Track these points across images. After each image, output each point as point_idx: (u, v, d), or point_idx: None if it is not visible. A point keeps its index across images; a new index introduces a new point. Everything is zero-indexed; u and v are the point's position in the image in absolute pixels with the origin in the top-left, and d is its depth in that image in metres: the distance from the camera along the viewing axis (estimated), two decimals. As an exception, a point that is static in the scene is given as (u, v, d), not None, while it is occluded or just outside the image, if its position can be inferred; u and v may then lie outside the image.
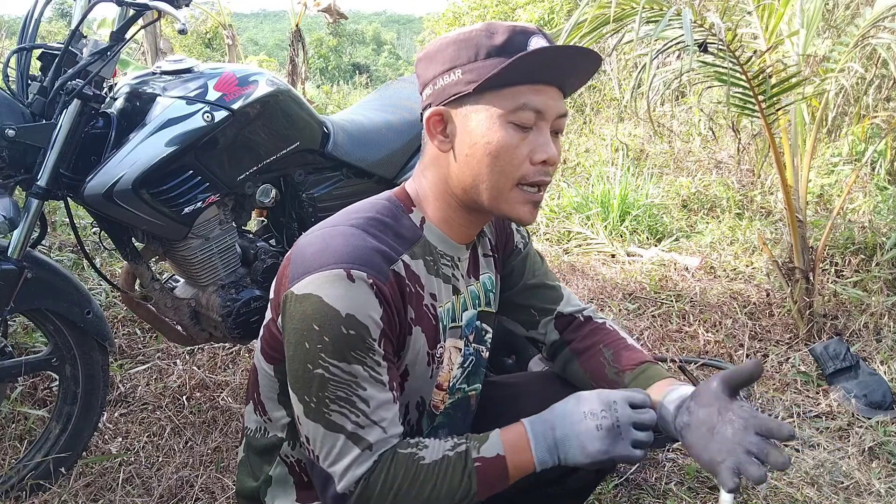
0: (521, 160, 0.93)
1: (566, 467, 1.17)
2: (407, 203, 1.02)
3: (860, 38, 2.24)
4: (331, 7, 6.36)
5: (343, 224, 0.94)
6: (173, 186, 1.53)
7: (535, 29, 0.94)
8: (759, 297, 2.74)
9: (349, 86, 12.21)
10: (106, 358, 1.66)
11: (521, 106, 0.91)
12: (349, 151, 1.81)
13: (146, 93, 1.57)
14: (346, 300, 0.86)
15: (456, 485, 0.89)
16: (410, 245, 0.98)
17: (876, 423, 1.94)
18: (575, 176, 4.79)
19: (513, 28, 0.92)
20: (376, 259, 0.90)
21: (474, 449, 0.90)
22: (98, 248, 2.69)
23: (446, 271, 1.04)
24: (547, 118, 0.94)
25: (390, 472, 0.88)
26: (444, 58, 0.94)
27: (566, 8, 6.46)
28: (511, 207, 0.96)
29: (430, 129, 0.97)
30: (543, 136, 0.94)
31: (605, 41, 2.37)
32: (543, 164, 0.94)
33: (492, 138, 0.92)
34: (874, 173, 3.54)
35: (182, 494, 1.63)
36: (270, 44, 46.79)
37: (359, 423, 0.88)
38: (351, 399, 0.88)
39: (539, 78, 0.92)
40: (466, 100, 0.93)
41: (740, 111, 2.25)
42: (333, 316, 0.86)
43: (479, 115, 0.92)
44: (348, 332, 0.86)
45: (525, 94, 0.91)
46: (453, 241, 1.04)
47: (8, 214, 1.38)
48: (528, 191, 0.96)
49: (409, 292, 0.95)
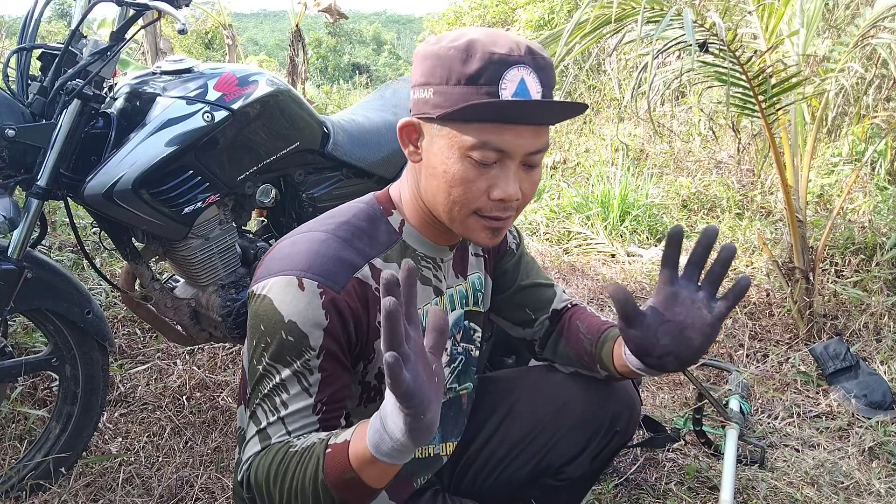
0: (477, 194, 0.90)
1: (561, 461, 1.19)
2: (388, 206, 1.02)
3: (860, 38, 2.24)
4: (331, 7, 6.36)
5: (316, 230, 0.95)
6: (173, 186, 1.53)
7: (519, 56, 0.86)
8: (759, 297, 2.74)
9: (349, 86, 12.20)
10: (106, 358, 1.66)
11: (481, 144, 0.86)
12: (349, 151, 1.81)
13: (146, 93, 1.57)
14: (291, 307, 0.88)
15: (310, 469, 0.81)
16: (385, 249, 0.98)
17: (876, 423, 1.94)
18: (575, 176, 4.79)
19: (490, 56, 0.85)
20: (335, 268, 0.90)
21: (334, 436, 0.82)
22: (98, 248, 2.69)
23: (426, 273, 1.03)
24: (513, 157, 0.89)
25: (264, 458, 0.87)
26: (423, 69, 0.90)
27: (566, 8, 6.46)
28: (467, 232, 0.95)
29: (403, 138, 0.94)
30: (505, 173, 0.89)
31: (606, 41, 2.37)
32: (500, 202, 0.90)
33: (449, 168, 0.89)
34: (874, 173, 3.54)
35: (182, 494, 1.63)
36: (270, 44, 46.78)
37: (270, 422, 0.89)
38: (273, 399, 0.89)
39: (507, 119, 0.86)
40: (433, 122, 0.90)
41: (740, 111, 2.25)
42: (278, 320, 0.88)
43: (442, 141, 0.89)
44: (287, 337, 0.88)
45: (488, 133, 0.86)
46: (434, 242, 1.03)
47: (8, 214, 1.38)
48: (486, 219, 0.92)
49: (375, 296, 0.94)
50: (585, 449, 1.20)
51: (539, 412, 1.21)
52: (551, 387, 1.23)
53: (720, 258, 0.91)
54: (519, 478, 1.22)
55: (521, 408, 1.22)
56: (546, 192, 4.31)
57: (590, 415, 1.19)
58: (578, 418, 1.19)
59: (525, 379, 1.27)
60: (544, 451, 1.20)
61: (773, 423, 1.99)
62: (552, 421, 1.20)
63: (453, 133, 0.88)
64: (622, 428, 1.21)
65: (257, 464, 0.87)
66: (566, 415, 1.19)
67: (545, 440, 1.20)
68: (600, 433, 1.20)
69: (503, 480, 1.22)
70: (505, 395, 1.25)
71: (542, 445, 1.20)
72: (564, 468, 1.21)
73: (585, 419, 1.19)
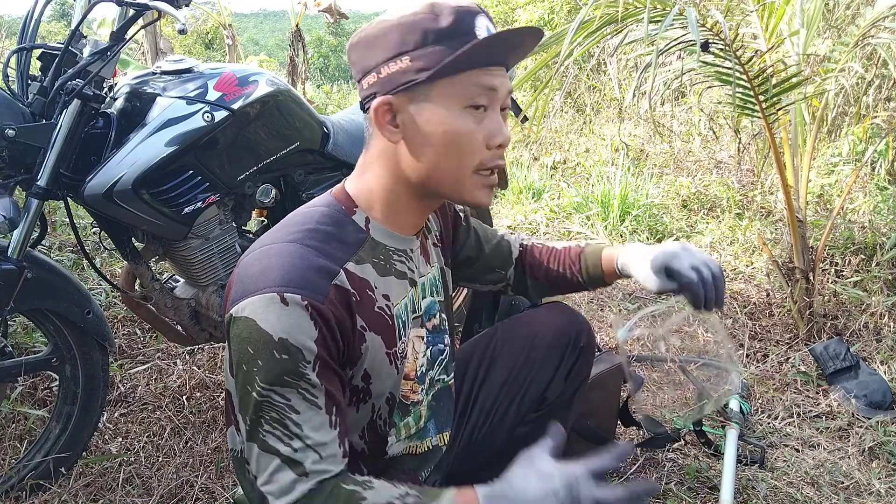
0: (478, 146, 0.93)
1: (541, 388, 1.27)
2: (349, 205, 0.99)
3: (860, 38, 2.24)
4: (331, 7, 6.36)
5: (281, 241, 0.91)
6: (173, 186, 1.53)
7: (476, 8, 0.92)
8: (759, 297, 2.74)
9: (349, 86, 12.20)
10: (106, 358, 1.66)
11: (476, 90, 0.91)
12: (349, 151, 1.81)
13: (146, 93, 1.57)
14: (278, 324, 0.83)
15: None
16: (355, 250, 0.95)
17: (876, 423, 1.94)
18: (575, 176, 4.79)
19: (457, 8, 0.90)
20: (313, 278, 0.87)
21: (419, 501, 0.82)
22: (98, 248, 2.69)
23: (400, 267, 1.02)
24: (499, 97, 0.94)
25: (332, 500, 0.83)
26: (387, 44, 0.90)
27: (566, 8, 6.45)
28: (471, 194, 0.96)
29: (379, 119, 0.93)
30: (496, 119, 0.94)
31: (606, 42, 2.37)
32: (499, 148, 0.95)
33: (450, 126, 0.91)
34: (874, 173, 3.54)
35: (182, 494, 1.63)
36: (270, 44, 46.77)
37: (292, 446, 0.85)
38: (284, 422, 0.85)
39: (490, 61, 0.92)
40: (418, 88, 0.90)
41: (740, 111, 2.25)
42: (267, 340, 0.84)
43: (434, 102, 0.90)
44: (281, 356, 0.84)
45: (479, 77, 0.91)
46: (401, 234, 1.02)
47: (8, 214, 1.38)
48: (484, 174, 0.96)
49: (356, 301, 0.92)
50: (559, 368, 1.27)
51: (514, 351, 1.28)
52: (520, 326, 1.32)
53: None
54: (509, 419, 1.27)
55: (499, 355, 1.30)
56: (546, 192, 4.31)
57: (555, 338, 1.28)
58: (548, 344, 1.27)
59: (497, 331, 1.34)
60: (526, 385, 1.26)
61: (773, 423, 1.99)
62: (527, 356, 1.27)
63: (445, 91, 0.90)
64: (585, 343, 1.30)
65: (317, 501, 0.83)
66: (538, 344, 1.27)
67: (525, 375, 1.26)
68: (568, 349, 1.27)
69: (496, 426, 1.27)
70: (484, 350, 1.32)
71: (523, 380, 1.26)
72: (545, 394, 1.27)
73: (552, 343, 1.28)
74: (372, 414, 1.03)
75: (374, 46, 0.91)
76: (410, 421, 1.09)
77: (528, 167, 4.83)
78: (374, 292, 0.97)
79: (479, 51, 0.88)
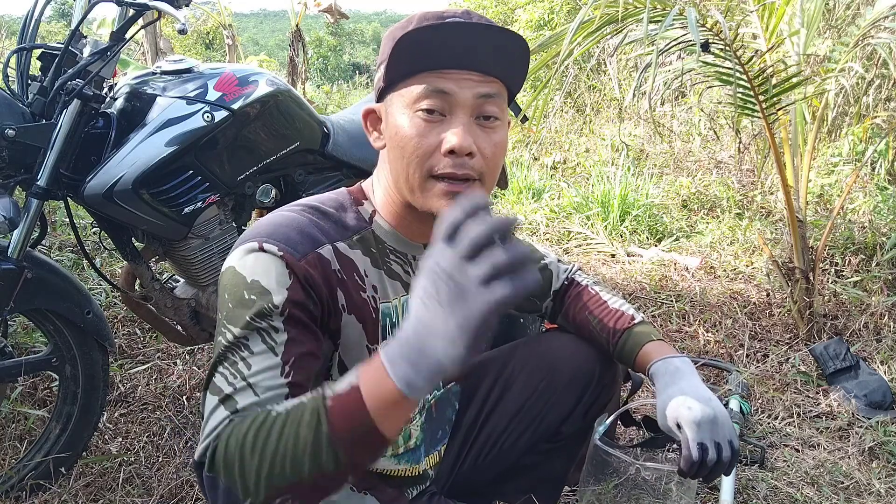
0: (429, 149, 0.88)
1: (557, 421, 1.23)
2: (359, 197, 1.02)
3: (860, 38, 2.24)
4: (331, 7, 6.36)
5: (283, 210, 0.95)
6: (173, 186, 1.53)
7: (452, 12, 0.89)
8: (759, 297, 2.74)
9: (349, 86, 12.21)
10: (106, 358, 1.66)
11: (423, 91, 0.87)
12: (349, 151, 1.81)
13: (146, 93, 1.57)
14: (252, 268, 0.86)
15: (305, 426, 0.71)
16: (350, 235, 0.96)
17: (876, 423, 1.94)
18: (575, 176, 4.79)
19: (426, 14, 0.90)
20: (295, 237, 0.89)
21: (329, 388, 0.73)
22: (98, 248, 2.69)
23: (395, 268, 1.01)
24: (460, 102, 0.87)
25: (237, 427, 0.76)
26: (380, 54, 0.94)
27: (566, 8, 6.45)
28: (428, 201, 0.90)
29: (368, 127, 0.98)
30: (454, 124, 0.87)
31: (606, 42, 2.37)
32: (451, 154, 0.87)
33: (400, 128, 0.90)
34: (874, 173, 3.54)
35: (182, 494, 1.63)
36: (271, 44, 46.77)
37: (234, 384, 0.81)
38: (234, 361, 0.82)
39: (446, 64, 0.87)
40: (385, 94, 0.93)
41: (741, 111, 2.25)
42: (239, 282, 0.86)
43: (394, 107, 0.91)
44: (249, 296, 0.85)
45: (429, 79, 0.87)
46: (407, 238, 1.01)
47: (8, 214, 1.38)
48: (447, 182, 0.89)
49: (338, 278, 0.92)
50: (578, 404, 1.23)
51: (532, 380, 1.24)
52: (540, 354, 1.27)
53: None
54: (519, 447, 1.25)
55: (515, 380, 1.25)
56: (546, 192, 4.31)
57: (578, 372, 1.23)
58: (569, 377, 1.23)
59: (515, 353, 1.29)
60: (542, 416, 1.23)
61: (773, 423, 1.99)
62: (546, 386, 1.23)
63: (400, 94, 0.90)
64: (609, 381, 1.25)
65: (228, 433, 0.76)
66: (557, 377, 1.23)
67: (542, 405, 1.23)
68: (590, 387, 1.23)
69: (505, 452, 1.24)
70: (499, 372, 1.27)
71: (539, 410, 1.23)
72: (561, 428, 1.24)
73: (575, 376, 1.23)
74: None
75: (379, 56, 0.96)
76: (400, 439, 1.08)
77: (528, 167, 4.83)
78: (364, 281, 0.97)
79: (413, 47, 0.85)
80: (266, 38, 61.15)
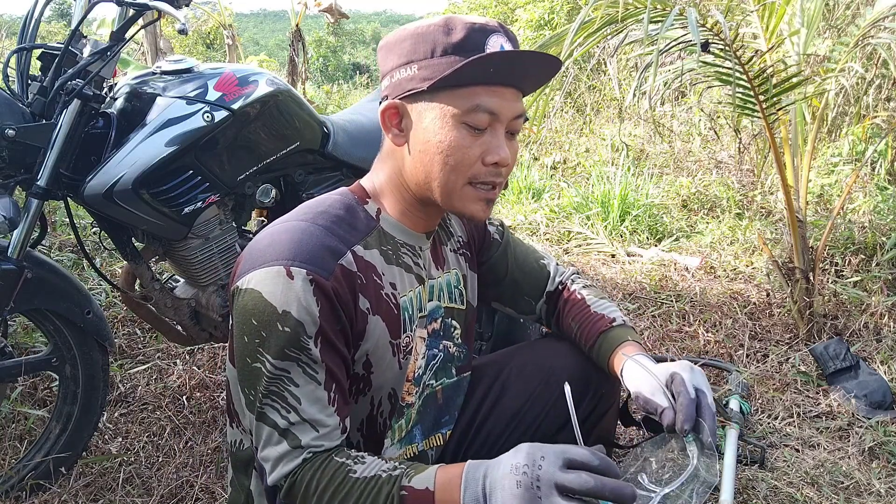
0: (472, 160, 0.93)
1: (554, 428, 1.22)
2: (362, 196, 1.03)
3: (860, 38, 2.24)
4: (331, 7, 6.36)
5: (294, 220, 0.95)
6: (173, 186, 1.53)
7: (495, 26, 0.92)
8: (759, 297, 2.74)
9: (349, 86, 12.21)
10: (106, 358, 1.66)
11: (474, 107, 0.91)
12: (349, 151, 1.81)
13: (146, 93, 1.57)
14: (282, 297, 0.87)
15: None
16: (364, 235, 0.98)
17: (876, 423, 1.94)
18: (575, 176, 4.79)
19: (471, 25, 0.91)
20: (320, 254, 0.90)
21: (406, 477, 0.85)
22: (98, 248, 2.69)
23: (407, 261, 1.04)
24: (502, 120, 0.93)
25: (318, 474, 0.87)
26: (401, 50, 0.93)
27: (566, 8, 6.45)
28: (463, 205, 0.97)
29: (386, 122, 0.97)
30: (497, 137, 0.93)
31: (607, 42, 2.37)
32: (495, 166, 0.94)
33: (444, 138, 0.92)
34: (874, 173, 3.54)
35: (182, 494, 1.63)
36: (271, 44, 46.74)
37: (289, 419, 0.88)
38: (283, 395, 0.88)
39: (495, 80, 0.91)
40: (421, 96, 0.93)
41: (741, 111, 2.25)
42: (270, 312, 0.87)
43: (433, 112, 0.92)
44: (283, 328, 0.87)
45: (480, 96, 0.91)
46: (412, 230, 1.04)
47: (8, 214, 1.38)
48: (481, 188, 0.96)
49: (360, 283, 0.94)
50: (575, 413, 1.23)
51: (530, 385, 1.25)
52: (538, 360, 1.28)
53: None
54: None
55: (513, 384, 1.26)
56: (546, 192, 4.31)
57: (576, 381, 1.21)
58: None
59: (513, 357, 1.30)
60: (538, 422, 1.23)
61: (773, 423, 1.99)
62: (542, 392, 1.23)
63: (444, 103, 0.91)
64: (607, 391, 1.25)
65: (308, 476, 0.87)
66: (554, 384, 1.23)
67: (538, 411, 1.23)
68: (587, 396, 1.23)
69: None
70: (496, 375, 1.28)
71: (535, 416, 1.23)
72: (557, 436, 1.24)
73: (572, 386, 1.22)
74: (372, 409, 1.03)
75: (392, 52, 0.95)
76: (403, 423, 1.10)
77: (528, 167, 4.83)
78: (381, 279, 0.99)
79: (480, 66, 0.88)
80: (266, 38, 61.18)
